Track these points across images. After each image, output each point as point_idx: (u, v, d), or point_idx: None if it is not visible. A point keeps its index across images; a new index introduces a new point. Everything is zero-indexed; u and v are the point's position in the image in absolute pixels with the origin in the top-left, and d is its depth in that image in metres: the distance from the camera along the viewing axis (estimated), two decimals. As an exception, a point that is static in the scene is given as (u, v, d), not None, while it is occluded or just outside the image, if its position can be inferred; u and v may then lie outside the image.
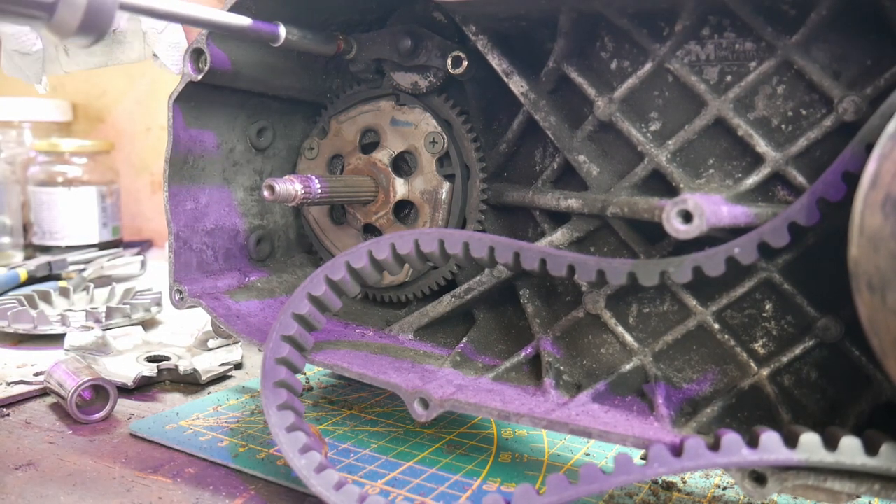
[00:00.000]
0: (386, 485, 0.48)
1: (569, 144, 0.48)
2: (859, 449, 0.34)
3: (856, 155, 0.36)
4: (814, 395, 0.43)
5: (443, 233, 0.43)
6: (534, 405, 0.44)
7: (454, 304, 0.53)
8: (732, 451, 0.36)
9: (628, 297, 0.48)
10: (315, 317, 0.46)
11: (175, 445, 0.53)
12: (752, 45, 0.43)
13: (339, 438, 0.55)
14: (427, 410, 0.44)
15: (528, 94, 0.49)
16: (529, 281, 0.52)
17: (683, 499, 0.47)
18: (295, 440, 0.43)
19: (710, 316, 0.45)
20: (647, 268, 0.39)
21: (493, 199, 0.54)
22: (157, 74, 1.36)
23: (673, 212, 0.37)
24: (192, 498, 0.46)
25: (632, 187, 0.46)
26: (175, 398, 0.65)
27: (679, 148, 0.45)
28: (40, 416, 0.59)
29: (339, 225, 0.61)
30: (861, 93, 0.40)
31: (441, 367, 0.49)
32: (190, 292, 0.55)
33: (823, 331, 0.42)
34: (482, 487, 0.48)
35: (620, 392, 0.46)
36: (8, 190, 1.31)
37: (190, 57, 0.51)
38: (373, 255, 0.44)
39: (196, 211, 0.57)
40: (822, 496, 0.36)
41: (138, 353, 0.74)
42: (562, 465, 0.52)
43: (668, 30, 0.45)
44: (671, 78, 0.45)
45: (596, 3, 0.45)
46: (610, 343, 0.49)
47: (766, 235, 0.37)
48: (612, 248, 0.49)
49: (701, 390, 0.45)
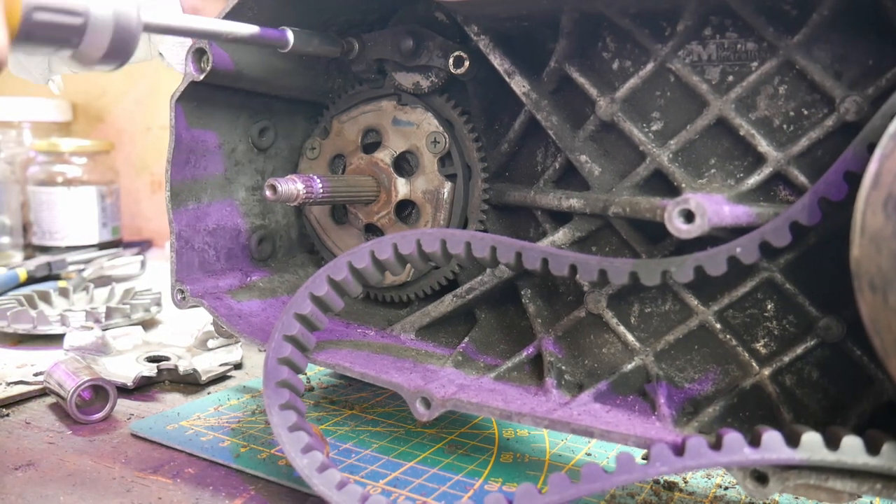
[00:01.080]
0: (387, 485, 0.48)
1: (570, 144, 0.49)
2: (861, 448, 0.34)
3: (857, 155, 0.36)
4: (815, 395, 0.43)
5: (445, 232, 0.43)
6: (535, 405, 0.44)
7: (456, 303, 0.53)
8: (734, 451, 0.36)
9: (630, 297, 0.48)
10: (317, 317, 0.46)
11: (176, 445, 0.53)
12: (753, 45, 0.43)
13: (341, 438, 0.55)
14: (429, 410, 0.44)
15: (529, 93, 0.49)
16: (531, 281, 0.52)
17: (685, 498, 0.47)
18: (297, 440, 0.43)
19: (712, 315, 0.45)
20: (648, 267, 0.39)
21: (495, 199, 0.54)
22: (157, 74, 1.36)
23: (675, 211, 0.37)
24: (193, 498, 0.46)
25: (633, 187, 0.46)
26: (175, 398, 0.65)
27: (681, 148, 0.45)
28: (40, 416, 0.59)
29: (340, 225, 0.61)
30: (863, 93, 0.40)
31: (443, 367, 0.49)
32: (192, 292, 0.55)
33: (825, 330, 0.42)
34: (484, 487, 0.48)
35: (622, 392, 0.46)
36: (7, 190, 1.31)
37: (192, 57, 0.51)
38: (375, 255, 0.44)
39: (198, 210, 0.57)
40: (824, 495, 0.36)
41: (138, 353, 0.74)
42: (563, 465, 0.52)
43: (670, 30, 0.45)
44: (673, 78, 0.45)
45: (598, 4, 0.45)
46: (611, 343, 0.49)
47: (768, 235, 0.37)
48: (614, 248, 0.49)
49: (702, 390, 0.45)
